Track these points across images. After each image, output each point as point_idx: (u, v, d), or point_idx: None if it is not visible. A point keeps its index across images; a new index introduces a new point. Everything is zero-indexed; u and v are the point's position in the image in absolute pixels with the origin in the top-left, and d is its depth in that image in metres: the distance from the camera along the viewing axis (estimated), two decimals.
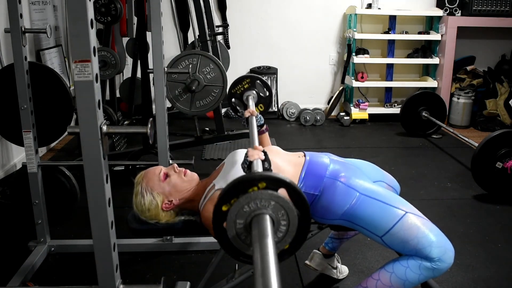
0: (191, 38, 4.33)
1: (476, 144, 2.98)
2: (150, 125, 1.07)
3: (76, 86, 0.98)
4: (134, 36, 3.76)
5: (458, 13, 4.50)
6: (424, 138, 4.23)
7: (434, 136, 4.25)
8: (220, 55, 3.80)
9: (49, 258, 2.19)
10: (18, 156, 3.24)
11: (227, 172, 1.51)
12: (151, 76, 2.81)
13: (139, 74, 3.38)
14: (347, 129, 4.56)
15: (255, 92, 2.16)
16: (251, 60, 4.86)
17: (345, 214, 1.48)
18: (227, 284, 1.67)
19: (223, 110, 4.14)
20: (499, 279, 2.09)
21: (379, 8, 4.62)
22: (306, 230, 1.02)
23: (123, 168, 3.04)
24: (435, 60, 4.63)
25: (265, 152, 1.31)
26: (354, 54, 4.61)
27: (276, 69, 4.84)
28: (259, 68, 4.84)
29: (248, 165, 1.28)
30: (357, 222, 1.48)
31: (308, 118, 4.64)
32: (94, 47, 0.98)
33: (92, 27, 0.96)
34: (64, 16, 4.04)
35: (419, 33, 4.73)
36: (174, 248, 2.27)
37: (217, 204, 1.00)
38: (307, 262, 2.05)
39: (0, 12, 3.01)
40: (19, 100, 1.94)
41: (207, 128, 4.16)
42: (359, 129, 4.57)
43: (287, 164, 1.58)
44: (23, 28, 1.88)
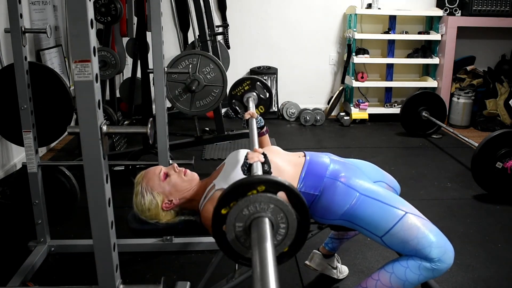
0: (191, 38, 4.33)
1: (476, 144, 2.98)
2: (150, 125, 1.07)
3: (76, 86, 0.98)
4: (134, 36, 3.76)
5: (458, 13, 4.50)
6: (424, 138, 4.23)
7: (434, 136, 4.25)
8: (220, 55, 3.80)
9: (49, 258, 2.19)
10: (18, 156, 3.24)
11: (228, 173, 1.51)
12: (151, 76, 2.81)
13: (139, 74, 3.38)
14: (347, 129, 4.56)
15: (255, 93, 2.16)
16: (251, 60, 4.86)
17: (345, 214, 1.48)
18: (227, 284, 1.67)
19: (223, 110, 4.14)
20: (499, 279, 2.09)
21: (379, 8, 4.62)
22: (305, 233, 1.02)
23: (123, 168, 3.04)
24: (435, 60, 4.63)
25: (265, 155, 1.31)
26: (354, 54, 4.61)
27: (276, 69, 4.84)
28: (259, 68, 4.83)
29: (248, 167, 1.28)
30: (357, 222, 1.48)
31: (308, 118, 4.64)
32: (94, 47, 0.98)
33: (92, 27, 0.96)
34: (64, 16, 4.04)
35: (419, 33, 4.73)
36: (174, 248, 2.27)
37: (216, 207, 1.00)
38: (307, 262, 2.05)
39: (0, 12, 3.01)
40: (19, 100, 1.94)
41: (207, 128, 4.16)
42: (359, 129, 4.57)
43: (287, 164, 1.58)
44: (23, 28, 1.88)
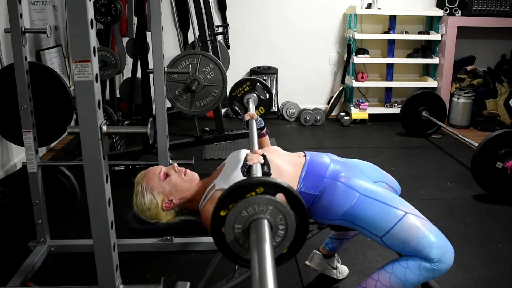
0: (191, 38, 4.33)
1: (476, 144, 2.98)
2: (150, 125, 1.07)
3: (76, 86, 0.98)
4: (134, 36, 3.76)
5: (458, 13, 4.50)
6: (424, 138, 4.23)
7: (434, 136, 4.25)
8: (220, 55, 3.80)
9: (49, 258, 2.19)
10: (18, 156, 3.24)
11: (228, 173, 1.51)
12: (151, 76, 2.81)
13: (139, 74, 3.38)
14: (347, 129, 4.56)
15: (255, 95, 2.16)
16: (251, 60, 4.86)
17: (345, 215, 1.48)
18: (227, 284, 1.67)
19: (223, 110, 4.14)
20: (499, 279, 2.09)
21: (379, 8, 4.62)
22: (304, 234, 1.02)
23: (123, 168, 3.04)
24: (435, 60, 4.63)
25: (264, 156, 1.31)
26: (354, 54, 4.61)
27: (276, 69, 4.84)
28: (259, 68, 4.83)
29: (247, 169, 1.28)
30: (357, 223, 1.48)
31: (308, 118, 4.64)
32: (94, 47, 0.98)
33: (92, 27, 0.96)
34: (64, 16, 4.04)
35: (419, 33, 4.73)
36: (174, 248, 2.27)
37: (215, 209, 0.99)
38: (307, 262, 2.05)
39: (0, 12, 3.01)
40: (19, 100, 1.93)
41: (207, 128, 4.16)
42: (359, 129, 4.57)
43: (287, 164, 1.57)
44: (23, 28, 1.88)
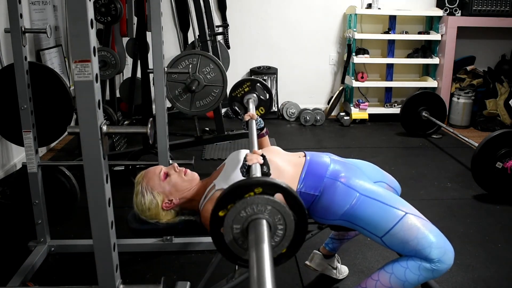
0: (191, 38, 4.33)
1: (476, 144, 2.98)
2: (150, 125, 1.07)
3: (76, 86, 0.98)
4: (134, 36, 3.76)
5: (458, 13, 4.50)
6: (424, 138, 4.23)
7: (434, 136, 4.25)
8: (220, 55, 3.80)
9: (49, 258, 2.19)
10: (18, 156, 3.24)
11: (228, 173, 1.51)
12: (151, 76, 2.81)
13: (139, 74, 3.38)
14: (347, 129, 4.56)
15: (255, 95, 2.16)
16: (251, 60, 4.86)
17: (345, 215, 1.48)
18: (227, 284, 1.67)
19: (223, 110, 4.14)
20: (499, 279, 2.09)
21: (379, 8, 4.62)
22: (303, 233, 1.02)
23: (123, 168, 3.04)
24: (435, 60, 4.63)
25: (264, 156, 1.31)
26: (354, 54, 4.61)
27: (276, 69, 4.84)
28: (259, 68, 4.83)
29: (246, 169, 1.28)
30: (357, 223, 1.48)
31: (308, 118, 4.64)
32: (94, 47, 0.98)
33: (92, 27, 0.96)
34: (64, 16, 4.04)
35: (419, 33, 4.73)
36: (174, 248, 2.27)
37: (213, 210, 1.00)
38: (307, 262, 2.05)
39: (0, 12, 3.01)
40: (19, 100, 1.93)
41: (207, 128, 4.16)
42: (359, 129, 4.57)
43: (287, 164, 1.57)
44: (23, 28, 1.88)
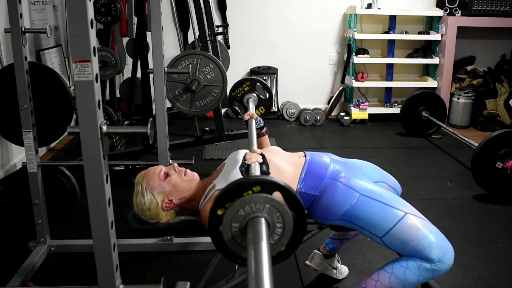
0: (191, 38, 4.33)
1: (476, 144, 2.98)
2: (150, 125, 1.07)
3: (76, 86, 0.98)
4: (134, 36, 3.76)
5: (458, 13, 4.50)
6: (424, 138, 4.23)
7: (434, 136, 4.25)
8: (220, 55, 3.80)
9: (49, 258, 2.19)
10: (18, 156, 3.24)
11: (228, 173, 1.51)
12: (151, 76, 2.81)
13: (139, 74, 3.38)
14: (347, 129, 4.56)
15: (255, 94, 2.16)
16: (251, 60, 4.86)
17: (345, 215, 1.48)
18: (227, 284, 1.67)
19: (223, 110, 4.14)
20: (499, 279, 2.09)
21: (379, 8, 4.62)
22: (302, 232, 1.02)
23: (123, 168, 3.04)
24: (435, 60, 4.63)
25: (263, 155, 1.31)
26: (354, 54, 4.61)
27: (276, 69, 4.84)
28: (259, 68, 4.83)
29: (246, 168, 1.28)
30: (357, 223, 1.48)
31: (308, 118, 4.64)
32: (94, 47, 0.98)
33: (92, 27, 0.96)
34: (64, 16, 4.04)
35: (419, 33, 4.73)
36: (174, 248, 2.27)
37: (212, 208, 1.00)
38: (307, 262, 2.05)
39: (0, 12, 3.01)
40: (19, 100, 1.93)
41: (207, 128, 4.16)
42: (359, 129, 4.57)
43: (287, 164, 1.57)
44: (23, 28, 1.88)
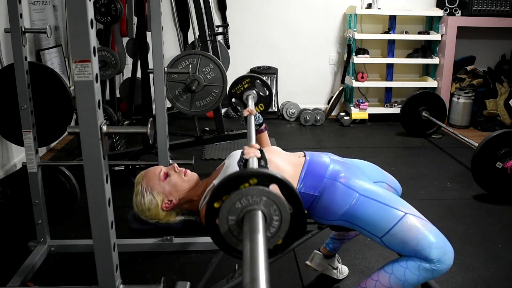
0: (191, 38, 4.33)
1: (476, 144, 2.98)
2: (150, 125, 1.07)
3: (76, 86, 0.98)
4: (134, 36, 3.76)
5: (458, 13, 4.50)
6: (424, 138, 4.23)
7: (434, 136, 4.25)
8: (220, 55, 3.80)
9: (49, 258, 2.19)
10: (18, 156, 3.24)
11: (228, 172, 1.51)
12: (151, 76, 2.81)
13: (139, 74, 3.38)
14: (347, 129, 4.56)
15: (255, 91, 2.16)
16: (251, 60, 4.86)
17: (344, 215, 1.48)
18: (227, 284, 1.67)
19: (223, 110, 4.14)
20: (499, 279, 2.09)
21: (379, 8, 4.62)
22: (299, 225, 1.01)
23: (123, 168, 3.04)
24: (435, 60, 4.63)
25: (261, 150, 1.30)
26: (354, 54, 4.61)
27: (276, 69, 4.84)
28: (259, 68, 4.83)
29: (244, 163, 1.28)
30: (356, 223, 1.48)
31: (308, 118, 4.64)
32: (94, 47, 0.98)
33: (92, 27, 0.96)
34: (64, 16, 4.04)
35: (419, 33, 4.73)
36: (174, 248, 2.27)
37: (208, 201, 1.00)
38: (307, 262, 2.05)
39: (0, 12, 3.01)
40: (19, 100, 1.93)
41: (207, 128, 4.16)
42: (359, 129, 4.57)
43: (287, 164, 1.57)
44: (23, 28, 1.88)
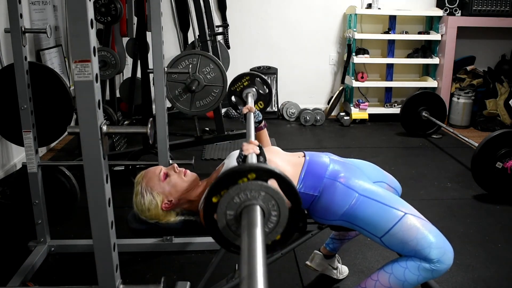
0: (191, 38, 4.33)
1: (476, 144, 2.98)
2: (150, 125, 1.07)
3: (76, 86, 0.98)
4: (134, 36, 3.76)
5: (458, 13, 4.50)
6: (424, 138, 4.23)
7: (434, 136, 4.25)
8: (220, 55, 3.80)
9: (49, 258, 2.19)
10: (18, 156, 3.24)
11: None
12: (151, 76, 2.81)
13: (139, 74, 3.38)
14: (347, 129, 4.56)
15: (254, 89, 2.16)
16: (251, 60, 4.86)
17: (344, 215, 1.48)
18: (227, 284, 1.67)
19: (223, 110, 4.14)
20: (499, 279, 2.09)
21: (379, 8, 4.62)
22: (297, 220, 1.01)
23: (123, 168, 3.04)
24: (435, 60, 4.63)
25: (260, 146, 1.30)
26: (354, 54, 4.61)
27: (276, 69, 4.84)
28: (259, 68, 4.84)
29: (243, 159, 1.27)
30: (356, 223, 1.48)
31: (308, 118, 4.64)
32: (94, 47, 0.98)
33: (92, 27, 0.96)
34: (64, 16, 4.04)
35: (419, 33, 4.73)
36: (174, 248, 2.27)
37: (207, 196, 0.99)
38: (307, 262, 2.05)
39: (0, 12, 3.01)
40: (19, 100, 1.93)
41: (207, 128, 4.16)
42: (359, 129, 4.57)
43: (287, 164, 1.57)
44: (23, 28, 1.88)
